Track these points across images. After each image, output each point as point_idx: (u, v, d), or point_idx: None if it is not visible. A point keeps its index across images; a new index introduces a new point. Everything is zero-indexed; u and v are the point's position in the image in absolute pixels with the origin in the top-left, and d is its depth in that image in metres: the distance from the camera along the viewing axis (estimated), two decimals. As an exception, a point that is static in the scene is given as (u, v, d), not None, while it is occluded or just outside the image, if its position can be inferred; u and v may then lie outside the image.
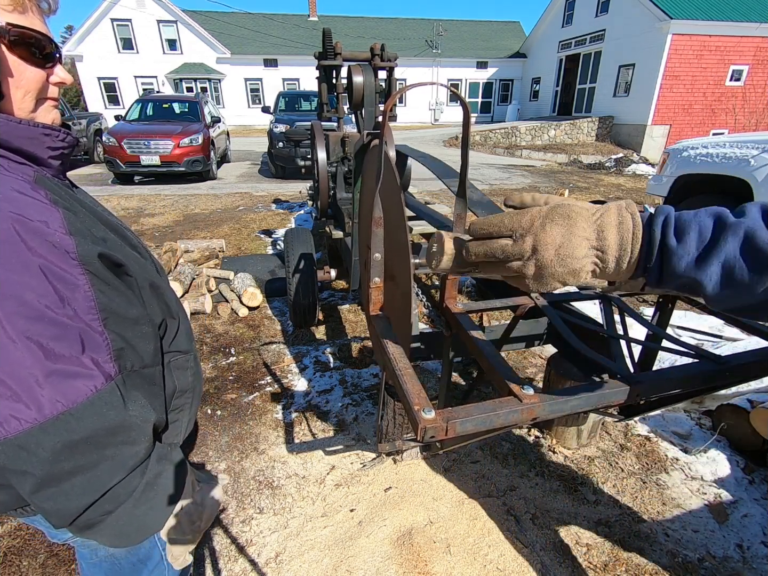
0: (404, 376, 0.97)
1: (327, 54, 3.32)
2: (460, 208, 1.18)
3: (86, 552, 0.89)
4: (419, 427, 0.83)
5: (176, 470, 0.62)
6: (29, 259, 0.51)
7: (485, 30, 28.42)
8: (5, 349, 0.47)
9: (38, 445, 0.48)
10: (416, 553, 1.69)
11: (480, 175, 10.54)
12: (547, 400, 0.94)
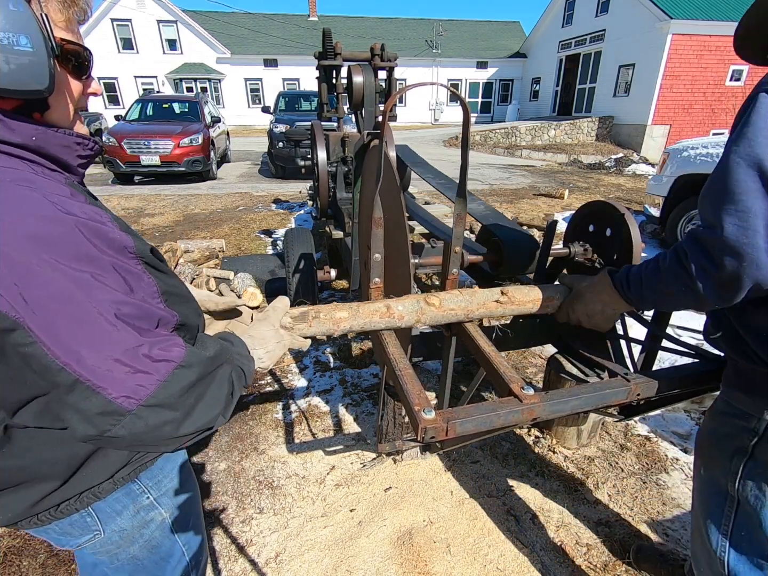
0: (404, 377, 0.97)
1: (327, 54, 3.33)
2: (460, 208, 1.18)
3: (104, 558, 0.88)
4: (419, 427, 0.83)
5: (239, 362, 0.74)
6: (99, 257, 0.57)
7: (485, 30, 28.42)
8: (111, 333, 0.55)
9: (166, 397, 0.58)
10: (416, 553, 1.69)
11: (480, 175, 10.54)
12: (547, 400, 0.94)
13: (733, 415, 0.94)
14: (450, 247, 1.20)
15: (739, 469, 0.91)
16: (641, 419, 2.40)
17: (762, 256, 0.70)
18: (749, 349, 0.87)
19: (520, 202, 7.66)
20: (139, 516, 0.85)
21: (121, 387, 0.55)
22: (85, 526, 0.80)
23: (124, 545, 0.86)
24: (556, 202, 7.70)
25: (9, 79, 0.55)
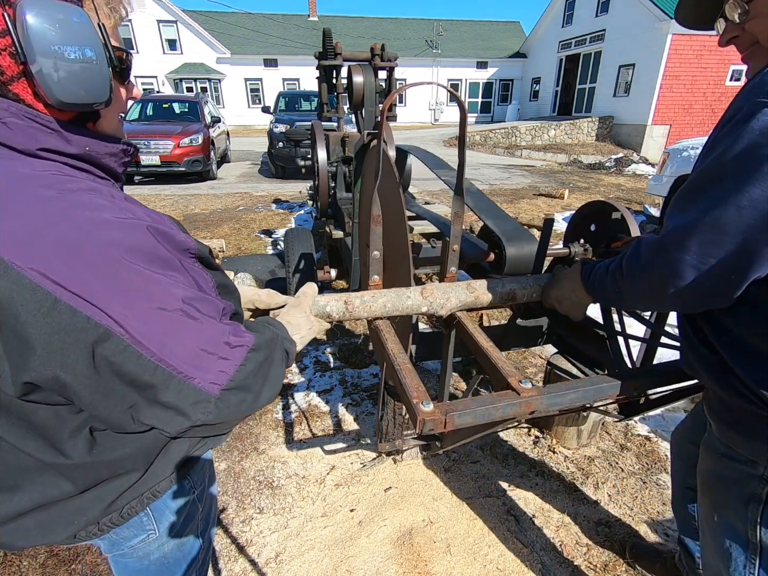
0: (403, 371, 0.98)
1: (327, 54, 3.32)
2: (458, 206, 1.18)
3: (132, 562, 0.88)
4: (418, 419, 0.84)
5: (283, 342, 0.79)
6: (170, 258, 0.60)
7: (485, 30, 28.41)
8: (196, 327, 0.59)
9: (243, 379, 0.62)
10: (416, 553, 1.69)
11: (480, 175, 10.54)
12: (544, 393, 0.95)
13: (737, 460, 0.86)
14: (449, 245, 1.21)
15: (758, 516, 0.84)
16: (641, 419, 2.40)
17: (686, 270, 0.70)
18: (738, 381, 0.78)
19: (520, 202, 7.66)
20: (186, 511, 0.87)
21: (208, 374, 0.59)
22: (140, 527, 0.81)
23: (164, 542, 0.87)
24: (556, 202, 7.70)
25: (77, 93, 0.56)
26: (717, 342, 0.81)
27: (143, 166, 8.43)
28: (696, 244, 0.68)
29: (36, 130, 0.56)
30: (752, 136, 0.62)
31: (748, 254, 0.65)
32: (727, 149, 0.65)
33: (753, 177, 0.62)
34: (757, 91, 0.63)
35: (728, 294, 0.71)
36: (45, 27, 0.52)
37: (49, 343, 0.51)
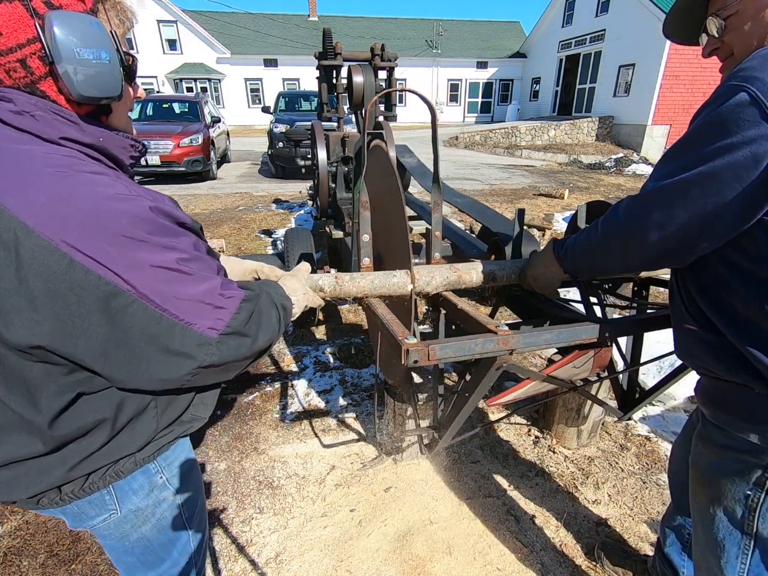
0: (390, 322, 1.09)
1: (327, 54, 3.33)
2: (436, 195, 1.28)
3: (114, 542, 0.92)
4: (403, 349, 0.92)
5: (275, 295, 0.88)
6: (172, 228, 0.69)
7: (485, 30, 28.40)
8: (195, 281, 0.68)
9: (238, 324, 0.72)
10: (416, 553, 1.69)
11: (480, 175, 10.54)
12: (520, 333, 1.03)
13: (738, 449, 0.86)
14: (431, 232, 1.31)
15: (758, 505, 0.85)
16: (641, 419, 2.40)
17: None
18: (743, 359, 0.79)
19: (520, 202, 7.66)
20: (153, 495, 0.90)
21: (206, 321, 0.68)
22: (102, 505, 0.85)
23: (137, 524, 0.90)
24: (556, 202, 7.70)
25: (94, 89, 0.66)
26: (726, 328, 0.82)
27: (143, 166, 8.44)
28: (664, 204, 0.75)
29: (58, 122, 0.65)
30: (721, 113, 0.70)
31: (706, 218, 0.73)
32: (699, 123, 0.74)
33: (718, 148, 0.69)
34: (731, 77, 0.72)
35: (685, 255, 0.80)
36: (68, 34, 0.62)
37: (66, 298, 0.60)
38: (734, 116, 0.67)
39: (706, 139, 0.72)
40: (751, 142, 0.65)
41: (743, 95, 0.67)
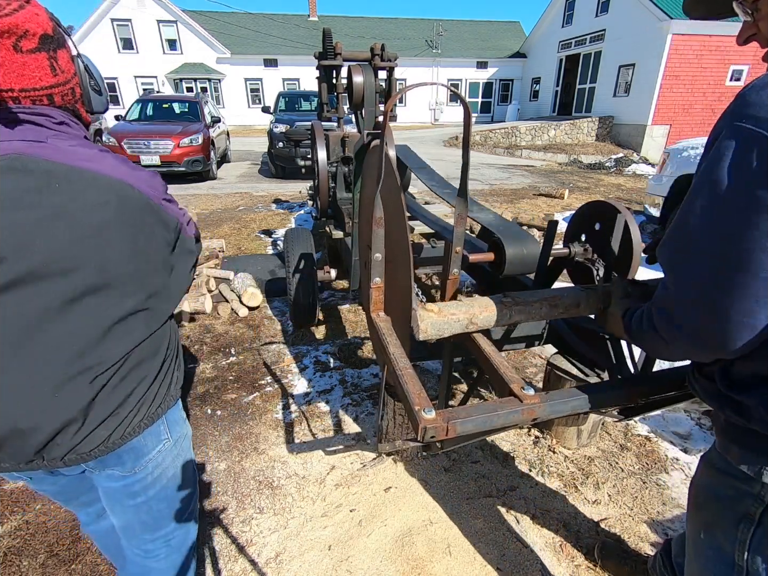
0: (404, 376, 0.97)
1: (327, 54, 3.32)
2: (461, 208, 1.17)
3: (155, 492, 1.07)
4: (420, 427, 0.83)
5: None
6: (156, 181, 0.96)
7: (485, 30, 28.39)
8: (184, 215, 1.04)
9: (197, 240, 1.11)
10: (416, 553, 1.69)
11: (480, 175, 10.54)
12: (547, 400, 0.94)
13: (734, 476, 0.83)
14: (451, 247, 1.19)
15: (747, 538, 0.81)
16: (641, 419, 2.40)
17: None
18: (737, 405, 0.77)
19: (520, 202, 7.66)
20: (184, 426, 1.12)
21: (191, 231, 1.06)
22: (157, 435, 1.01)
23: (177, 457, 1.09)
24: (556, 202, 7.70)
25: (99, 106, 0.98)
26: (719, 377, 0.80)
27: (143, 166, 8.41)
28: (737, 305, 0.62)
29: (80, 128, 0.92)
30: (740, 166, 0.58)
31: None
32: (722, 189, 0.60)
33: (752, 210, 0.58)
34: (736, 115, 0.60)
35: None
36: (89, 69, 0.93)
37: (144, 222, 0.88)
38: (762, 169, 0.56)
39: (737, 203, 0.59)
40: None
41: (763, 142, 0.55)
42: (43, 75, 0.81)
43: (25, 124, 0.80)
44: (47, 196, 0.75)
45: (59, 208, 0.76)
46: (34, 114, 0.81)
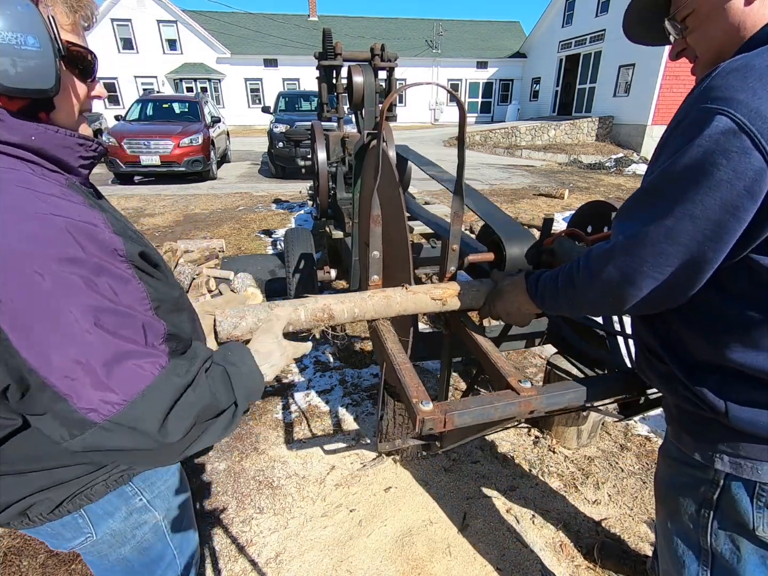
0: (403, 371, 0.98)
1: (327, 54, 3.32)
2: (457, 206, 1.18)
3: (94, 559, 0.89)
4: (418, 419, 0.84)
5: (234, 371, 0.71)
6: (86, 259, 0.56)
7: (485, 30, 28.39)
8: (84, 341, 0.53)
9: (134, 419, 0.56)
10: (416, 553, 1.69)
11: (480, 175, 10.54)
12: (543, 392, 0.96)
13: (690, 464, 0.86)
14: (448, 244, 1.20)
15: (708, 522, 0.84)
16: (641, 419, 2.40)
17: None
18: (683, 387, 0.80)
19: (520, 202, 7.66)
20: (131, 518, 0.85)
21: (86, 399, 0.54)
22: (77, 528, 0.81)
23: (115, 546, 0.86)
24: (556, 202, 7.70)
25: (17, 79, 0.56)
26: (663, 351, 0.82)
27: (143, 166, 8.43)
28: (651, 254, 0.67)
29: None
30: (702, 143, 0.60)
31: (702, 262, 0.65)
32: (678, 157, 0.63)
33: (706, 186, 0.60)
34: (703, 98, 0.62)
35: (682, 298, 0.72)
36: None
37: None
38: (719, 147, 0.59)
39: (688, 176, 0.62)
40: (743, 176, 0.58)
41: (724, 121, 0.58)
42: None
43: None
44: None
45: None
46: None
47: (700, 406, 0.79)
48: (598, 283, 0.77)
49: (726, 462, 0.79)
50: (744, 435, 0.75)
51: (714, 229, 0.62)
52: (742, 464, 0.77)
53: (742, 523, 0.80)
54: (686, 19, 0.75)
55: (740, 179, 0.58)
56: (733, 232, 0.62)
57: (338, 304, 1.05)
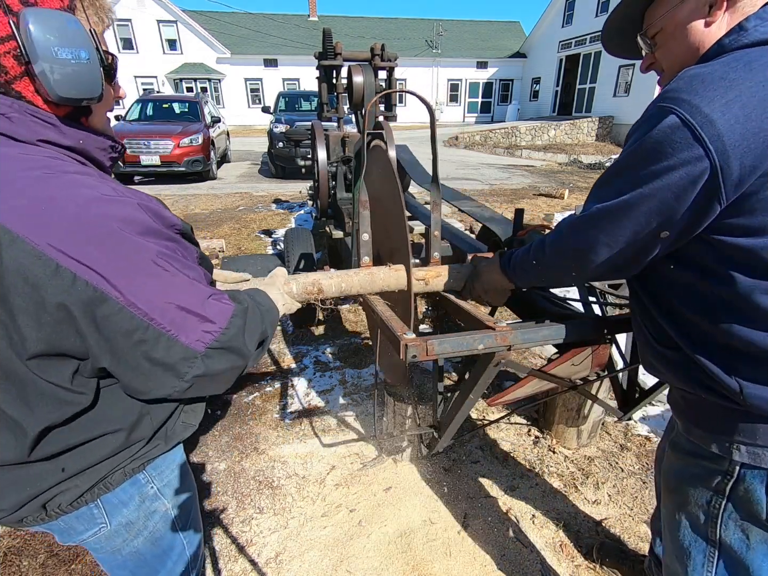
0: (389, 319, 1.09)
1: (327, 54, 3.32)
2: (435, 195, 1.28)
3: (107, 556, 0.89)
4: (401, 344, 0.94)
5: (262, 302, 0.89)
6: (162, 231, 0.68)
7: (485, 30, 28.41)
8: (186, 291, 0.67)
9: (227, 339, 0.70)
10: (416, 553, 1.69)
11: (480, 175, 10.54)
12: (519, 328, 1.03)
13: (702, 456, 0.88)
14: (430, 231, 1.30)
15: (719, 512, 0.85)
16: (641, 419, 2.40)
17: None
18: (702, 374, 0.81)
19: (520, 202, 7.66)
20: (144, 506, 0.87)
21: (193, 334, 0.66)
22: (90, 520, 0.82)
23: (129, 539, 0.87)
24: (556, 202, 7.70)
25: (72, 90, 0.64)
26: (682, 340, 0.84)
27: (143, 166, 8.42)
28: (608, 225, 0.78)
29: (36, 124, 0.64)
30: (653, 135, 0.71)
31: (650, 235, 0.76)
32: (636, 147, 0.74)
33: (655, 171, 0.71)
34: (660, 98, 0.73)
35: (633, 268, 0.84)
36: (44, 32, 0.60)
37: (55, 303, 0.58)
38: (667, 139, 0.69)
39: (642, 162, 0.73)
40: (685, 164, 0.68)
41: (673, 117, 0.69)
42: None
43: None
44: None
45: None
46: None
47: (714, 389, 0.80)
48: (565, 249, 0.89)
49: (744, 452, 0.80)
50: (762, 418, 0.77)
51: (660, 207, 0.72)
52: (760, 454, 0.78)
53: (754, 512, 0.80)
54: (655, 36, 0.85)
55: (683, 166, 0.68)
56: (677, 211, 0.71)
57: (327, 279, 1.20)
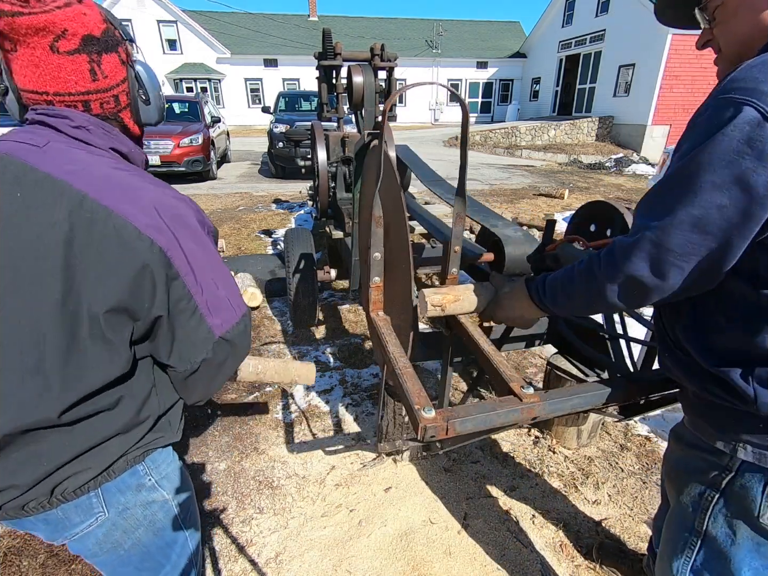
0: (404, 376, 0.97)
1: (327, 54, 3.32)
2: (460, 208, 1.18)
3: (107, 556, 0.90)
4: (420, 426, 0.84)
5: None
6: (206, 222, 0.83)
7: (485, 30, 28.39)
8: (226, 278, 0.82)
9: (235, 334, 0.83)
10: (416, 553, 1.69)
11: (480, 175, 10.54)
12: (546, 399, 0.94)
13: (703, 449, 0.88)
14: (450, 246, 1.19)
15: (711, 504, 0.86)
16: (641, 419, 2.40)
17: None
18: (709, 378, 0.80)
19: (520, 202, 7.66)
20: (141, 494, 0.88)
21: (218, 319, 0.79)
22: (88, 510, 0.83)
23: (129, 529, 0.88)
24: (556, 202, 7.70)
25: (153, 117, 0.91)
26: (688, 342, 0.83)
27: (143, 166, 8.42)
28: (678, 245, 0.67)
29: (106, 134, 0.81)
30: (727, 133, 0.61)
31: (727, 250, 0.66)
32: (703, 147, 0.64)
33: (732, 175, 0.61)
34: (727, 89, 0.64)
35: (708, 286, 0.73)
36: (143, 77, 0.86)
37: (141, 263, 0.71)
38: (744, 137, 0.60)
39: (716, 165, 0.62)
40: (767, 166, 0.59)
41: (751, 111, 0.59)
42: (80, 79, 0.75)
43: (36, 125, 0.75)
44: (8, 203, 0.68)
45: (11, 218, 0.67)
46: (48, 115, 0.75)
47: (725, 397, 0.79)
48: (622, 277, 0.75)
49: (749, 452, 0.79)
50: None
51: (740, 217, 0.63)
52: (766, 455, 0.78)
53: (746, 509, 0.81)
54: (715, 10, 0.77)
55: (765, 168, 0.59)
56: (758, 220, 0.63)
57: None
